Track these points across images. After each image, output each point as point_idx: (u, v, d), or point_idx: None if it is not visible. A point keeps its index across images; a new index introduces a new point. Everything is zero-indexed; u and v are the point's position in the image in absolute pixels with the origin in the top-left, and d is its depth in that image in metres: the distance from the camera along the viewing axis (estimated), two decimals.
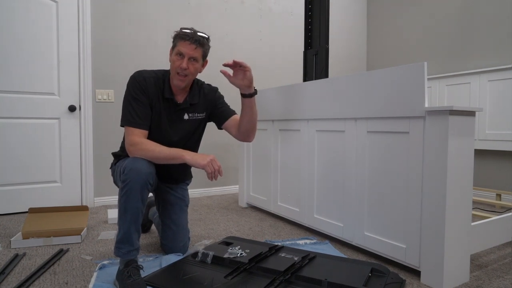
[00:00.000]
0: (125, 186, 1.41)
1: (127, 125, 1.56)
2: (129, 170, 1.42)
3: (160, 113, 1.65)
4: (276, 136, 2.48)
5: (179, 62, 1.58)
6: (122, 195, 1.42)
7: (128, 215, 1.42)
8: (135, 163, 1.45)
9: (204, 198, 3.29)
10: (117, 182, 1.70)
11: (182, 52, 1.57)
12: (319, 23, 2.57)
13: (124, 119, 1.58)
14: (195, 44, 1.58)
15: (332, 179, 2.00)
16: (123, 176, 1.43)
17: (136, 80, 1.59)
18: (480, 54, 3.19)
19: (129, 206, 1.42)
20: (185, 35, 1.57)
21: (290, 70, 3.83)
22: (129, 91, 1.59)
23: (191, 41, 1.56)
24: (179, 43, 1.58)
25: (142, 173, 1.43)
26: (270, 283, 1.37)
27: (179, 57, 1.59)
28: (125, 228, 1.42)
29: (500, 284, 1.49)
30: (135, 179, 1.41)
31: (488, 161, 3.13)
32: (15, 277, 1.53)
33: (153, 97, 1.61)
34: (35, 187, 2.70)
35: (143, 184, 1.43)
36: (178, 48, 1.58)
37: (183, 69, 1.58)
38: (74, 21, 2.78)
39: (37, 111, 2.68)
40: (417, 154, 1.52)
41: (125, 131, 1.58)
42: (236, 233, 2.21)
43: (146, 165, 1.47)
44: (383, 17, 4.16)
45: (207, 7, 3.32)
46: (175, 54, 1.60)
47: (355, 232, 1.85)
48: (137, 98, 1.58)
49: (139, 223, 1.46)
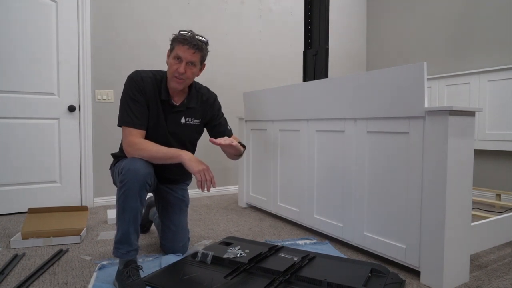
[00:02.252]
0: (123, 186, 1.41)
1: (125, 126, 1.56)
2: (127, 171, 1.42)
3: (158, 114, 1.64)
4: (276, 136, 2.48)
5: (176, 66, 1.57)
6: (120, 195, 1.42)
7: (127, 215, 1.42)
8: (133, 164, 1.44)
9: (204, 198, 3.29)
10: (116, 183, 1.70)
11: (180, 56, 1.56)
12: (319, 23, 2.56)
13: (121, 119, 1.57)
14: (193, 48, 1.56)
15: (332, 179, 2.00)
16: (121, 176, 1.43)
17: (133, 79, 1.59)
18: (479, 54, 3.19)
19: (128, 206, 1.41)
20: (184, 39, 1.55)
21: (290, 70, 3.83)
22: (127, 91, 1.58)
23: (189, 45, 1.55)
24: (177, 47, 1.57)
25: (140, 174, 1.43)
26: (270, 283, 1.37)
27: (177, 61, 1.57)
28: (124, 229, 1.42)
29: (500, 284, 1.49)
30: (133, 179, 1.41)
31: (488, 161, 3.13)
32: (15, 277, 1.53)
33: (150, 97, 1.61)
34: (34, 187, 2.70)
35: (141, 185, 1.43)
36: (176, 52, 1.57)
37: (181, 73, 1.57)
38: (74, 21, 2.78)
39: (36, 111, 2.68)
40: (417, 154, 1.52)
41: (123, 131, 1.57)
42: (236, 233, 2.21)
43: (144, 166, 1.46)
44: (383, 17, 4.16)
45: (206, 7, 3.32)
46: (172, 57, 1.59)
47: (355, 232, 1.85)
48: (134, 98, 1.57)
49: (138, 223, 1.46)
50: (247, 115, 2.81)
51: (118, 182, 1.46)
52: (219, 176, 3.46)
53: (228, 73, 3.46)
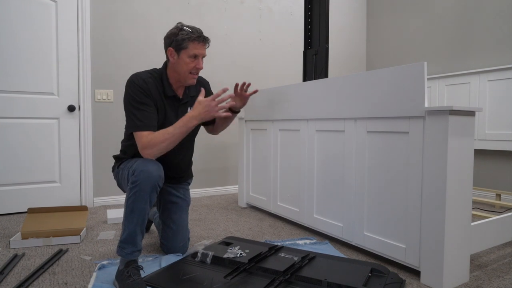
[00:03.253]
0: (135, 187, 1.41)
1: (136, 130, 1.53)
2: (140, 172, 1.42)
3: (166, 111, 1.65)
4: (276, 136, 2.47)
5: (194, 64, 1.60)
6: (131, 195, 1.42)
7: (135, 216, 1.42)
8: (146, 165, 1.44)
9: (204, 198, 3.29)
10: (121, 185, 1.70)
11: (197, 54, 1.59)
12: (319, 23, 2.56)
13: (131, 125, 1.55)
14: (207, 43, 1.63)
15: (332, 179, 2.00)
16: (133, 177, 1.42)
17: (136, 84, 1.57)
18: (479, 54, 3.19)
19: (137, 207, 1.41)
20: (198, 37, 1.58)
21: (290, 70, 3.83)
22: (131, 96, 1.56)
23: (204, 41, 1.61)
24: (192, 45, 1.57)
25: (153, 176, 1.43)
26: (270, 283, 1.37)
27: (193, 59, 1.60)
28: (131, 229, 1.42)
29: (499, 284, 1.49)
30: (145, 181, 1.41)
31: (487, 161, 3.13)
32: (14, 277, 1.53)
33: (156, 97, 1.61)
34: (34, 187, 2.70)
35: (152, 187, 1.43)
36: (193, 51, 1.58)
37: (200, 69, 1.62)
38: (74, 20, 2.78)
39: (36, 111, 2.68)
40: (417, 154, 1.52)
41: (136, 136, 1.55)
42: (236, 233, 2.21)
43: (157, 168, 1.47)
44: (383, 17, 4.16)
45: (207, 7, 3.32)
46: (188, 56, 1.58)
47: (354, 232, 1.85)
48: (141, 101, 1.56)
49: (145, 225, 1.46)
50: (247, 115, 2.81)
51: (129, 183, 1.45)
52: (219, 176, 3.46)
53: (228, 73, 3.46)
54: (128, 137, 1.67)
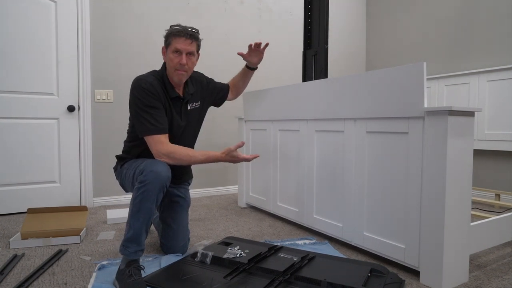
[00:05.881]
0: (143, 186, 1.41)
1: (150, 134, 1.54)
2: (149, 172, 1.42)
3: (172, 112, 1.66)
4: (276, 136, 2.48)
5: (177, 59, 1.59)
6: (138, 195, 1.42)
7: (141, 215, 1.42)
8: (155, 166, 1.45)
9: (203, 198, 3.29)
10: (125, 185, 1.70)
11: (179, 48, 1.58)
12: (318, 23, 2.56)
13: (143, 129, 1.55)
14: (190, 39, 1.60)
15: (332, 179, 2.00)
16: (142, 177, 1.43)
17: (143, 87, 1.56)
18: (479, 54, 3.20)
19: (144, 207, 1.42)
20: (179, 32, 1.58)
21: (289, 70, 3.83)
22: (140, 100, 1.55)
23: (186, 36, 1.59)
24: (174, 40, 1.59)
25: (162, 176, 1.44)
26: (270, 284, 1.37)
27: (176, 54, 1.59)
28: (136, 228, 1.42)
29: (499, 284, 1.49)
30: (154, 181, 1.41)
31: (487, 161, 3.13)
32: (14, 277, 1.53)
33: (163, 99, 1.62)
34: (34, 187, 2.70)
35: (160, 187, 1.44)
36: (174, 45, 1.59)
37: (183, 65, 1.59)
38: (73, 21, 2.77)
39: (36, 111, 2.67)
40: (416, 154, 1.52)
41: (149, 140, 1.56)
42: (236, 233, 2.21)
43: (166, 169, 1.47)
44: (382, 17, 4.16)
45: (206, 7, 3.32)
46: (171, 52, 1.60)
47: (354, 232, 1.85)
48: (151, 105, 1.56)
49: (149, 225, 1.47)
50: (246, 115, 2.81)
51: (136, 182, 1.46)
52: (219, 176, 3.46)
53: (228, 73, 3.45)
54: (132, 138, 1.67)
